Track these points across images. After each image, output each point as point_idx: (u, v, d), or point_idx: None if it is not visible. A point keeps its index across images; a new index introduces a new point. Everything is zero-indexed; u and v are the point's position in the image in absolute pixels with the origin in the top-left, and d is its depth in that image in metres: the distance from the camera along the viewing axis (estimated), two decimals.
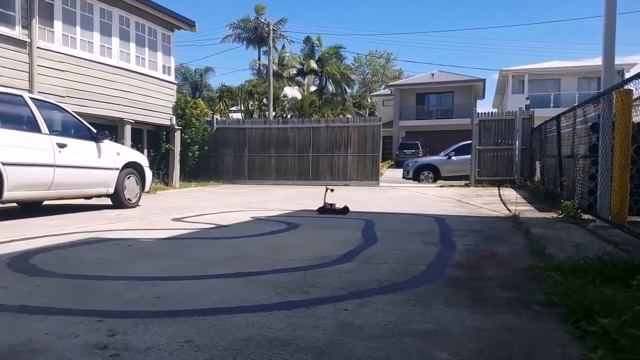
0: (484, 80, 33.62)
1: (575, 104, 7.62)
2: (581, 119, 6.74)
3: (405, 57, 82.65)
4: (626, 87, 4.95)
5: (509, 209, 7.29)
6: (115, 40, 11.79)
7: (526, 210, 7.24)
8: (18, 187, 5.96)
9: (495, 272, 3.26)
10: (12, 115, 6.22)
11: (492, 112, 15.34)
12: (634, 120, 5.05)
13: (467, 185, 13.92)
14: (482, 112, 14.69)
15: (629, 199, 5.02)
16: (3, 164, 5.72)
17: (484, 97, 37.50)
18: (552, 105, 27.39)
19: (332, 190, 7.15)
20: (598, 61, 6.29)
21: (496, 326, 2.20)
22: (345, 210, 6.67)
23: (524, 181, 13.11)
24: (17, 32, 9.40)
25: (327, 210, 6.76)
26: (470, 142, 14.51)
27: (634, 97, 4.92)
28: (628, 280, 2.58)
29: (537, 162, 12.03)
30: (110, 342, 1.99)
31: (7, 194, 5.83)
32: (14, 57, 9.31)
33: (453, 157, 16.06)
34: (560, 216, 6.17)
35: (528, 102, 24.78)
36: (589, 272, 2.88)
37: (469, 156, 14.40)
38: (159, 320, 2.26)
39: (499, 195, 10.40)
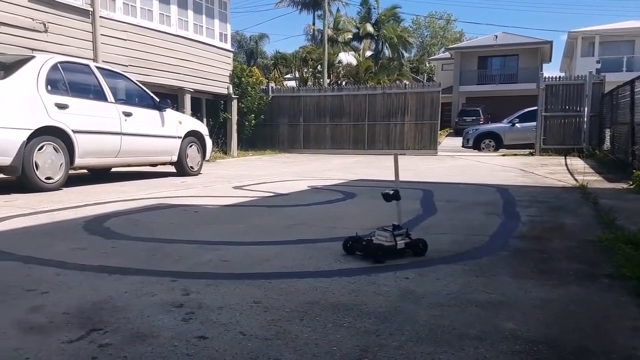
0: (551, 43, 31.67)
1: None
2: None
3: (466, 18, 79.20)
4: None
5: (576, 179, 6.99)
6: (174, 8, 11.94)
7: (594, 180, 6.90)
8: (88, 154, 6.25)
9: (561, 244, 3.16)
10: (80, 85, 6.38)
11: (559, 77, 14.52)
12: None
13: (531, 154, 13.41)
14: (549, 77, 13.93)
15: None
16: (74, 131, 5.99)
17: (550, 60, 35.52)
18: (624, 69, 25.55)
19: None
20: None
21: (563, 298, 2.15)
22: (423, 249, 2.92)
23: (592, 150, 12.49)
24: (81, 1, 9.54)
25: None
26: (535, 108, 13.89)
27: None
28: None
29: (607, 130, 11.39)
30: (185, 301, 2.11)
31: (78, 161, 6.14)
32: (78, 27, 9.45)
33: (517, 125, 15.41)
34: (632, 187, 5.91)
35: (599, 65, 23.26)
36: None
37: (533, 123, 13.81)
38: (228, 282, 2.38)
39: (566, 164, 9.97)
